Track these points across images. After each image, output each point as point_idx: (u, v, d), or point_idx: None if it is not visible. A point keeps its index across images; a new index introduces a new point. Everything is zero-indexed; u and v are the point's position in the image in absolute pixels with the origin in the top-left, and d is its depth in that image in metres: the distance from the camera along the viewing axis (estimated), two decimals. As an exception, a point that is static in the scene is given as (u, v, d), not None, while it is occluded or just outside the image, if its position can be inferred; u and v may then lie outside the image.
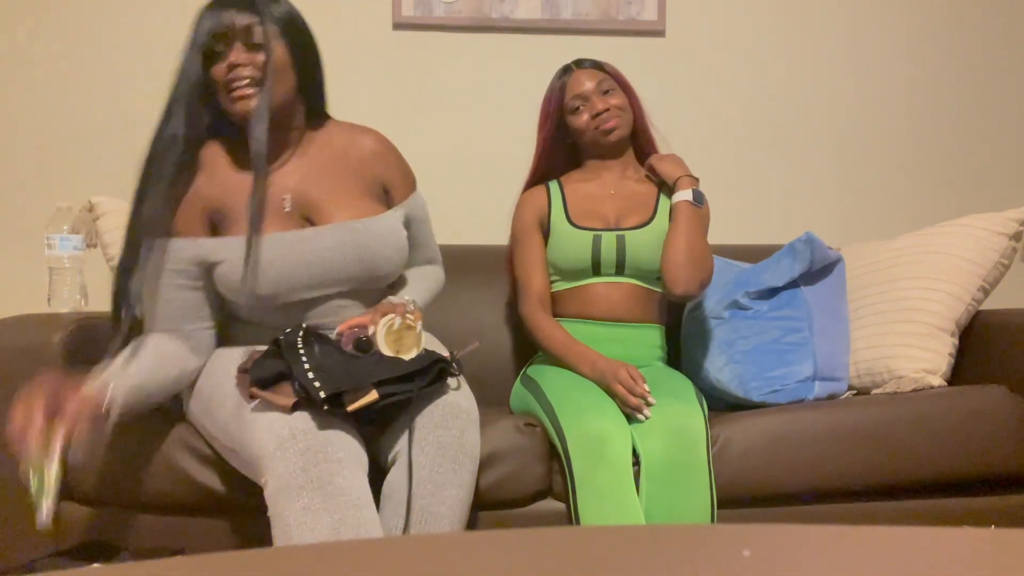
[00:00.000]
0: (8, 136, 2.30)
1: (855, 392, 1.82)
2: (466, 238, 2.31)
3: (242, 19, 1.38)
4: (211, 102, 1.42)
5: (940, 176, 2.51)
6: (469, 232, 2.33)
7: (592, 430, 1.44)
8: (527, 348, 1.97)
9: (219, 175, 1.45)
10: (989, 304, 1.88)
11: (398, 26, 2.36)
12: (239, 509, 1.47)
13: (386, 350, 1.34)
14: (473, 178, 2.39)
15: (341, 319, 1.46)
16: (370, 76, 2.35)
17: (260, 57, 1.39)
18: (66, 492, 1.50)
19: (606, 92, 1.79)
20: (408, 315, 1.36)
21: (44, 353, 1.48)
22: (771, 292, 1.79)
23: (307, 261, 1.41)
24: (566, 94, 1.81)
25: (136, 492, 1.47)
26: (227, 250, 1.42)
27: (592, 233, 1.74)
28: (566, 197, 1.82)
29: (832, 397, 1.75)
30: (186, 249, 1.42)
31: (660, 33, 2.41)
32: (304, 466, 1.19)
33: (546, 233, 1.80)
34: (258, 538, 1.47)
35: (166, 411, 1.57)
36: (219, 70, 1.39)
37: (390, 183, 1.56)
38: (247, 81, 1.38)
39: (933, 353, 1.74)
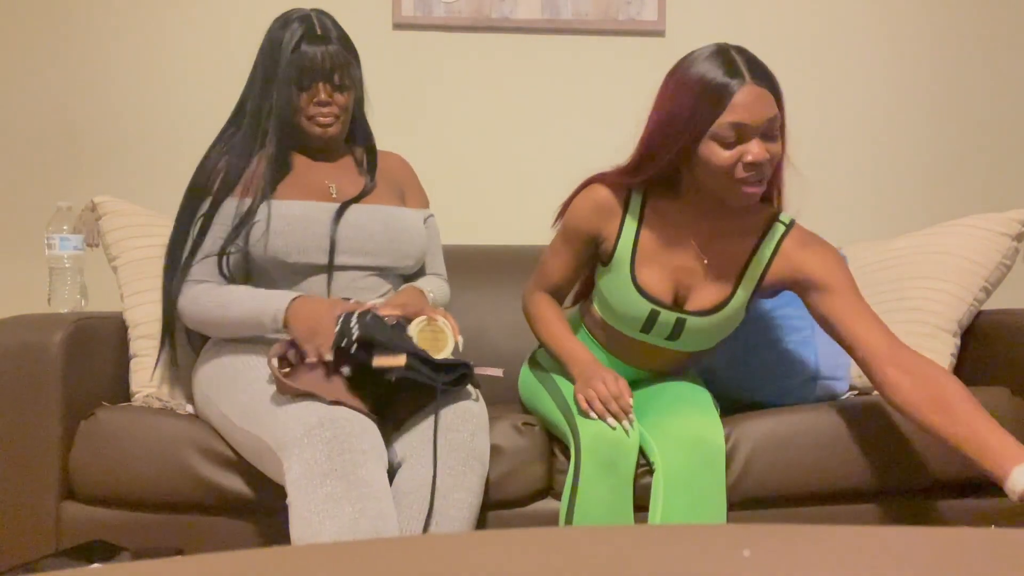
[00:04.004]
0: (8, 136, 2.30)
1: (856, 392, 1.82)
2: (466, 238, 2.31)
3: (334, 59, 1.55)
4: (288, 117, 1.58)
5: (943, 176, 2.51)
6: (470, 232, 2.33)
7: (609, 435, 1.39)
8: (529, 349, 1.97)
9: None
10: (991, 304, 1.88)
11: (398, 26, 2.36)
12: (241, 507, 1.47)
13: (418, 345, 1.38)
14: (473, 178, 2.39)
15: (360, 294, 1.56)
16: (370, 76, 2.34)
17: (342, 98, 1.59)
18: (67, 492, 1.50)
19: (772, 139, 1.35)
20: (443, 320, 1.42)
21: (44, 353, 1.48)
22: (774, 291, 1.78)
23: (346, 223, 1.54)
24: (722, 111, 1.31)
25: (137, 490, 1.47)
26: (278, 207, 1.53)
27: (650, 307, 1.47)
28: (641, 233, 1.47)
29: (833, 397, 1.75)
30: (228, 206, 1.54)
31: (660, 33, 2.41)
32: (329, 454, 1.23)
33: (604, 257, 1.52)
34: (260, 538, 1.48)
35: (167, 409, 1.58)
36: (304, 100, 1.57)
37: (407, 191, 1.74)
38: (329, 118, 1.58)
39: (935, 353, 1.74)
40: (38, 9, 2.30)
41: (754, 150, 1.32)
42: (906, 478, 1.55)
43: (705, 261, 1.47)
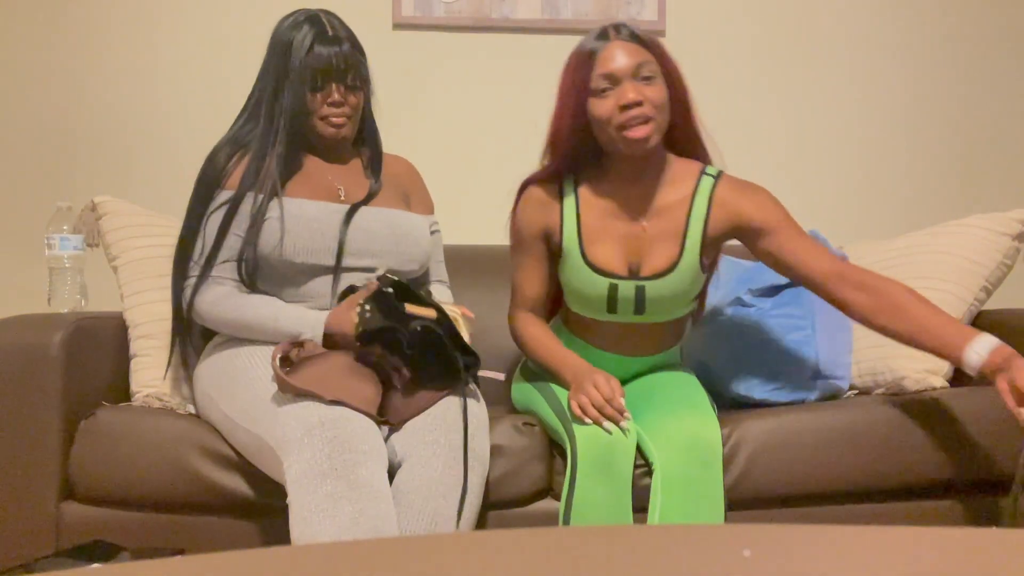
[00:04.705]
0: (8, 136, 2.30)
1: (856, 392, 1.82)
2: (466, 238, 2.31)
3: (347, 60, 1.56)
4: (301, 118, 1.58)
5: (944, 176, 2.51)
6: (469, 232, 2.33)
7: (603, 437, 1.39)
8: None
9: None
10: (991, 304, 1.87)
11: (398, 26, 2.36)
12: (241, 507, 1.47)
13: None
14: (473, 178, 2.39)
15: None
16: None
17: (355, 99, 1.60)
18: (67, 492, 1.50)
19: (645, 79, 1.44)
20: (463, 317, 1.46)
21: (44, 353, 1.48)
22: (774, 290, 1.78)
23: (354, 225, 1.54)
24: (594, 68, 1.45)
25: (137, 490, 1.47)
26: (289, 206, 1.53)
27: (608, 281, 1.52)
28: (581, 215, 1.54)
29: (833, 396, 1.75)
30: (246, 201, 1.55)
31: (660, 33, 2.41)
32: (330, 453, 1.23)
33: (556, 249, 1.58)
34: (260, 538, 1.48)
35: (167, 409, 1.58)
36: (317, 101, 1.57)
37: (413, 196, 1.74)
38: (342, 119, 1.58)
39: (935, 353, 1.74)
40: (38, 9, 2.30)
41: (627, 92, 1.41)
42: (906, 478, 1.54)
43: (644, 223, 1.53)
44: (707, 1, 2.44)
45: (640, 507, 1.42)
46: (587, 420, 1.40)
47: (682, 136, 1.56)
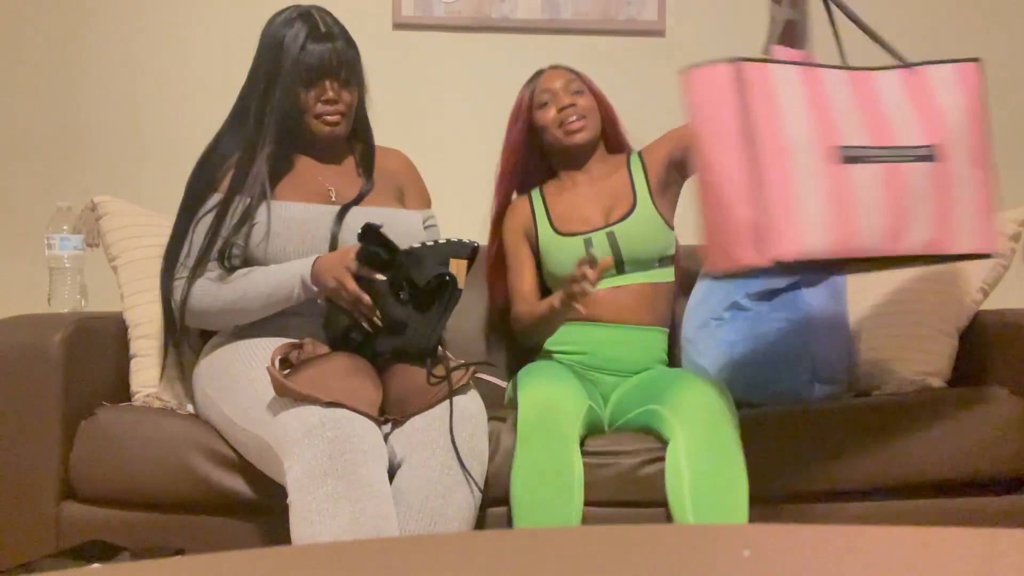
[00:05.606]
0: (8, 136, 2.30)
1: (854, 394, 1.82)
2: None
3: (340, 56, 1.55)
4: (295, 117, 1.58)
5: (940, 176, 2.51)
6: (468, 233, 2.32)
7: (542, 396, 1.46)
8: (524, 351, 1.97)
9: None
10: (988, 305, 1.88)
11: (398, 26, 2.36)
12: (241, 507, 1.47)
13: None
14: (473, 179, 2.38)
15: None
16: (370, 76, 2.35)
17: (349, 96, 1.59)
18: (67, 492, 1.50)
19: (575, 92, 1.81)
20: None
21: (44, 353, 1.48)
22: (772, 293, 1.78)
23: (345, 226, 1.54)
24: (536, 89, 1.84)
25: (137, 490, 1.47)
26: (278, 209, 1.53)
27: (580, 237, 1.76)
28: (549, 208, 1.84)
29: (832, 398, 1.75)
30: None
31: (660, 33, 2.41)
32: (331, 454, 1.23)
33: (535, 246, 1.84)
34: (260, 538, 1.48)
35: (167, 409, 1.58)
36: (311, 99, 1.56)
37: (407, 191, 1.74)
38: (336, 116, 1.58)
39: (933, 355, 1.74)
40: (38, 9, 2.30)
41: (562, 99, 1.79)
42: (906, 478, 1.55)
43: (599, 201, 1.80)
44: (707, 1, 2.44)
45: (648, 500, 1.43)
46: (590, 287, 1.49)
47: (612, 138, 1.91)
